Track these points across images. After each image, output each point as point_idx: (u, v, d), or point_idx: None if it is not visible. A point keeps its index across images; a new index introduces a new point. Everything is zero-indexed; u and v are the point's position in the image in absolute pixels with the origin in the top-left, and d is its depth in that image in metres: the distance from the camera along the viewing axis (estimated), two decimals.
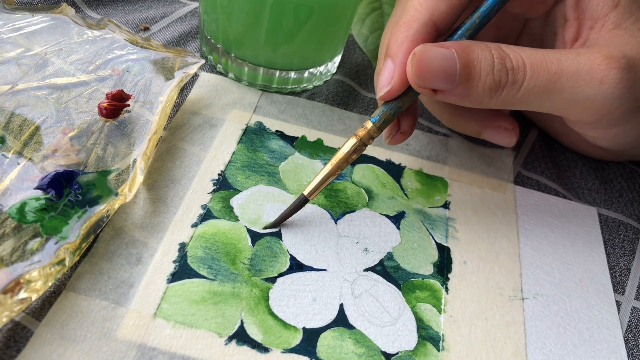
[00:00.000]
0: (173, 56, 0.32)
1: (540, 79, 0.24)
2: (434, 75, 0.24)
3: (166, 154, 0.29)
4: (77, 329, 0.22)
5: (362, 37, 0.40)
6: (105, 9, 0.37)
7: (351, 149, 0.26)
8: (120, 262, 0.24)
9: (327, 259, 0.26)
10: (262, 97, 0.34)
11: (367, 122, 0.26)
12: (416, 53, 0.24)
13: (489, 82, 0.24)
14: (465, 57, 0.24)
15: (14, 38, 0.30)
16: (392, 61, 0.26)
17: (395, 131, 0.28)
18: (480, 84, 0.24)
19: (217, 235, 0.26)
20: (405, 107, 0.26)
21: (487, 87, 0.24)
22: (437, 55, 0.24)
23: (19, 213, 0.23)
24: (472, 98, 0.25)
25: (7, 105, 0.27)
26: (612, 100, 0.24)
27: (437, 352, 0.24)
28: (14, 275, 0.21)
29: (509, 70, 0.24)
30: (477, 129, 0.30)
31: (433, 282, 0.27)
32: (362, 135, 0.26)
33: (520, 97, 0.25)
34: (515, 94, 0.24)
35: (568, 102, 0.25)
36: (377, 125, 0.26)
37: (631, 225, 0.32)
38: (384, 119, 0.26)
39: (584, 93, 0.24)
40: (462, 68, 0.24)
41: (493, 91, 0.24)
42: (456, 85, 0.24)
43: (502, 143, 0.30)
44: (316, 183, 0.26)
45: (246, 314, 0.24)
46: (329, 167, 0.26)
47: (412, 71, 0.24)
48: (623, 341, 0.26)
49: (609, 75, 0.24)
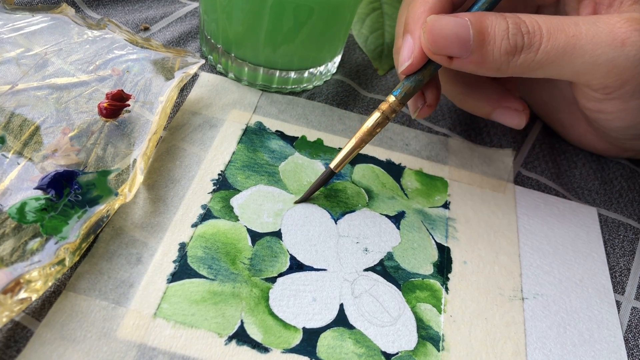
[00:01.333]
0: (173, 56, 0.32)
1: (558, 41, 0.24)
2: (447, 42, 0.24)
3: (166, 154, 0.29)
4: (77, 329, 0.22)
5: (362, 37, 0.40)
6: (105, 9, 0.37)
7: (375, 122, 0.27)
8: (120, 262, 0.24)
9: (327, 259, 0.26)
10: (262, 97, 0.34)
11: (390, 97, 0.27)
12: (428, 21, 0.24)
13: (505, 46, 0.24)
14: (478, 24, 0.24)
15: (14, 38, 0.30)
16: (411, 36, 0.26)
17: (422, 104, 0.28)
18: (496, 49, 0.24)
19: (217, 235, 0.26)
20: (425, 80, 0.27)
21: (504, 52, 0.24)
22: (449, 22, 0.24)
23: (19, 213, 0.23)
24: (489, 64, 0.25)
25: (7, 105, 0.27)
26: (635, 63, 0.24)
27: (437, 352, 0.24)
28: (14, 275, 0.21)
29: (525, 34, 0.24)
30: (488, 110, 0.30)
31: (433, 282, 0.27)
32: (384, 109, 0.27)
33: (539, 60, 0.24)
34: (534, 57, 0.24)
35: (590, 66, 0.24)
36: (398, 98, 0.27)
37: (631, 225, 0.32)
38: (405, 91, 0.27)
39: (606, 55, 0.24)
40: (476, 34, 0.24)
41: (510, 55, 0.24)
42: (471, 51, 0.24)
43: (511, 124, 0.30)
44: (342, 156, 0.28)
45: (246, 314, 0.24)
46: (353, 140, 0.27)
47: (425, 39, 0.24)
48: (623, 341, 0.26)
49: (631, 38, 0.23)
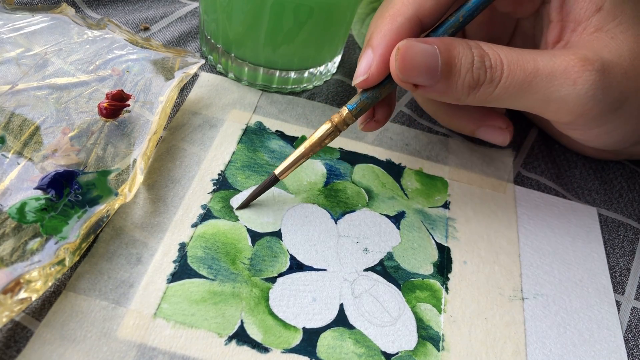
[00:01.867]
0: (173, 56, 0.32)
1: (516, 78, 0.24)
2: (417, 71, 0.24)
3: (166, 154, 0.29)
4: (77, 329, 0.22)
5: (362, 37, 0.40)
6: (105, 9, 0.37)
7: (325, 133, 0.27)
8: (120, 262, 0.24)
9: (327, 259, 0.26)
10: (262, 97, 0.34)
11: (344, 109, 0.27)
12: (400, 48, 0.24)
13: (468, 80, 0.25)
14: (447, 53, 0.24)
15: (14, 38, 0.30)
16: (373, 51, 0.26)
17: (370, 119, 0.29)
18: (460, 81, 0.25)
19: (217, 235, 0.26)
20: (382, 97, 0.27)
21: (466, 85, 0.25)
22: (420, 51, 0.24)
23: (19, 213, 0.23)
24: (451, 94, 0.25)
25: (7, 105, 0.27)
26: (585, 100, 0.25)
27: (437, 352, 0.24)
28: (14, 275, 0.21)
29: (487, 69, 0.25)
30: (471, 128, 0.31)
31: (433, 282, 0.27)
32: (337, 122, 0.27)
33: (497, 95, 0.25)
34: (492, 92, 0.25)
35: (543, 102, 0.25)
36: (353, 112, 0.27)
37: (631, 225, 0.32)
38: (361, 107, 0.27)
39: (558, 93, 0.25)
40: (444, 65, 0.24)
41: (471, 88, 0.25)
42: (437, 81, 0.25)
43: (495, 142, 0.31)
44: (288, 163, 0.27)
45: (246, 314, 0.24)
46: (301, 149, 0.27)
47: (395, 66, 0.25)
48: (623, 341, 0.26)
49: (583, 77, 0.24)
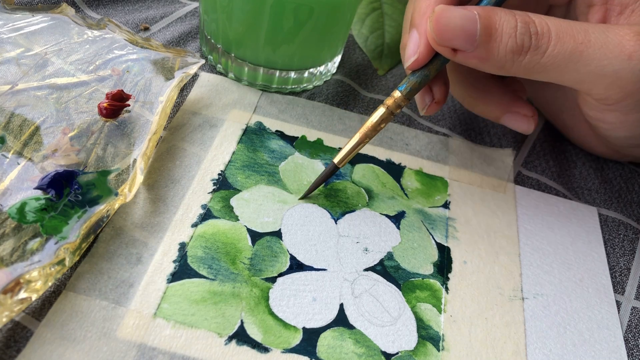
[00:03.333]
0: (173, 56, 0.32)
1: (566, 47, 0.24)
2: (453, 33, 0.24)
3: (166, 154, 0.29)
4: (77, 329, 0.22)
5: (362, 37, 0.40)
6: (105, 9, 0.37)
7: (379, 118, 0.27)
8: (120, 262, 0.24)
9: (327, 259, 0.26)
10: (262, 97, 0.34)
11: (395, 92, 0.27)
12: (436, 11, 0.24)
13: (511, 45, 0.24)
14: (487, 19, 0.24)
15: (14, 38, 0.30)
16: (417, 30, 0.26)
17: (430, 101, 0.28)
18: (502, 46, 0.24)
19: (217, 235, 0.26)
20: (432, 75, 0.27)
21: (509, 50, 0.24)
22: (457, 14, 0.24)
23: (19, 213, 0.23)
24: (493, 61, 0.24)
25: (7, 105, 0.27)
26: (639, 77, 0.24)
27: (437, 352, 0.24)
28: (14, 275, 0.21)
29: (533, 35, 0.24)
30: (497, 114, 0.30)
31: (433, 282, 0.27)
32: (389, 104, 0.27)
33: (544, 63, 0.24)
34: (539, 60, 0.24)
35: (594, 75, 0.24)
36: (404, 94, 0.27)
37: (631, 225, 0.32)
38: (411, 87, 0.27)
39: (612, 66, 0.24)
40: (483, 29, 0.24)
41: (515, 54, 0.24)
42: (476, 46, 0.24)
43: (520, 129, 0.30)
44: (346, 151, 0.28)
45: (246, 314, 0.24)
46: (357, 136, 0.27)
47: (430, 29, 0.24)
48: (623, 341, 0.26)
49: (638, 52, 0.23)
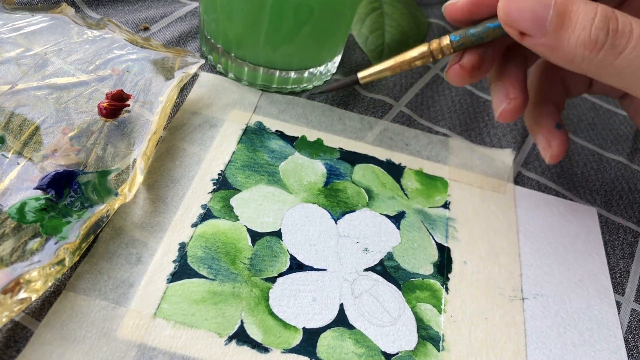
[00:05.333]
0: (173, 56, 0.32)
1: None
2: (521, 15, 0.23)
3: (166, 154, 0.29)
4: (77, 329, 0.22)
5: (362, 37, 0.40)
6: (105, 9, 0.37)
7: (418, 55, 0.26)
8: (120, 262, 0.24)
9: (327, 259, 0.26)
10: (262, 97, 0.34)
11: (445, 37, 0.26)
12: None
13: (583, 37, 0.22)
14: (564, 6, 0.22)
15: (14, 38, 0.30)
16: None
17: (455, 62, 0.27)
18: (573, 37, 0.22)
19: (217, 235, 0.26)
20: (487, 39, 0.25)
21: (580, 43, 0.22)
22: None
23: (19, 213, 0.23)
24: (562, 52, 0.23)
25: (7, 105, 0.27)
26: None
27: (437, 352, 0.24)
28: (14, 275, 0.21)
29: (612, 31, 0.22)
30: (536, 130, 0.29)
31: (433, 282, 0.27)
32: (434, 48, 0.26)
33: (619, 65, 0.22)
34: (613, 61, 0.22)
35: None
36: (453, 44, 0.25)
37: (630, 228, 0.32)
38: (463, 42, 0.25)
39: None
40: (556, 16, 0.22)
41: (587, 49, 0.22)
42: (544, 33, 0.23)
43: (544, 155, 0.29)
44: (373, 71, 0.27)
45: (246, 314, 0.24)
46: (391, 61, 0.26)
47: (500, 5, 0.23)
48: (623, 341, 0.26)
49: None
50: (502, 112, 0.27)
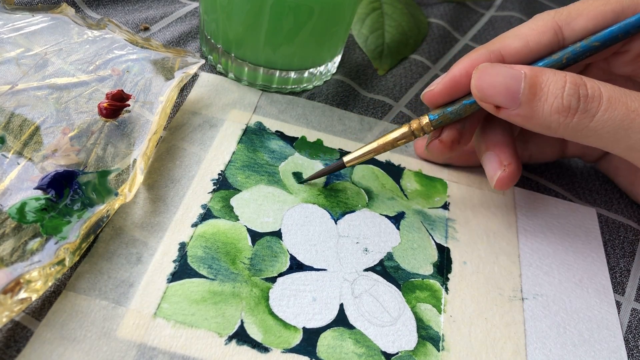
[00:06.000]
0: (173, 56, 0.32)
1: (617, 113, 0.23)
2: (494, 90, 0.24)
3: (166, 154, 0.29)
4: (77, 329, 0.22)
5: (362, 37, 0.40)
6: (105, 9, 0.37)
7: (400, 136, 0.27)
8: (120, 261, 0.24)
9: (327, 259, 0.26)
10: (262, 97, 0.34)
11: (425, 117, 0.27)
12: (479, 68, 0.24)
13: (557, 105, 0.23)
14: (533, 78, 0.23)
15: (14, 38, 0.30)
16: (446, 73, 0.27)
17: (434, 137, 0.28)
18: (547, 106, 0.23)
19: (217, 234, 0.26)
20: (464, 115, 0.27)
21: (554, 110, 0.23)
22: (502, 71, 0.24)
23: (19, 213, 0.23)
24: (538, 120, 0.24)
25: (7, 105, 0.27)
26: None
27: (437, 352, 0.24)
28: (14, 275, 0.21)
29: (582, 97, 0.23)
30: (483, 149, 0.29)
31: (433, 282, 0.27)
32: (414, 128, 0.27)
33: (594, 128, 0.23)
34: (588, 124, 0.23)
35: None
36: (433, 123, 0.27)
37: (631, 226, 0.32)
38: (442, 120, 0.27)
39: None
40: (528, 87, 0.23)
41: (562, 115, 0.23)
42: (518, 104, 0.24)
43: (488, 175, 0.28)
44: (358, 154, 0.28)
45: (246, 313, 0.24)
46: (374, 144, 0.28)
47: (473, 84, 0.24)
48: (623, 341, 0.26)
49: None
50: (499, 179, 0.27)
